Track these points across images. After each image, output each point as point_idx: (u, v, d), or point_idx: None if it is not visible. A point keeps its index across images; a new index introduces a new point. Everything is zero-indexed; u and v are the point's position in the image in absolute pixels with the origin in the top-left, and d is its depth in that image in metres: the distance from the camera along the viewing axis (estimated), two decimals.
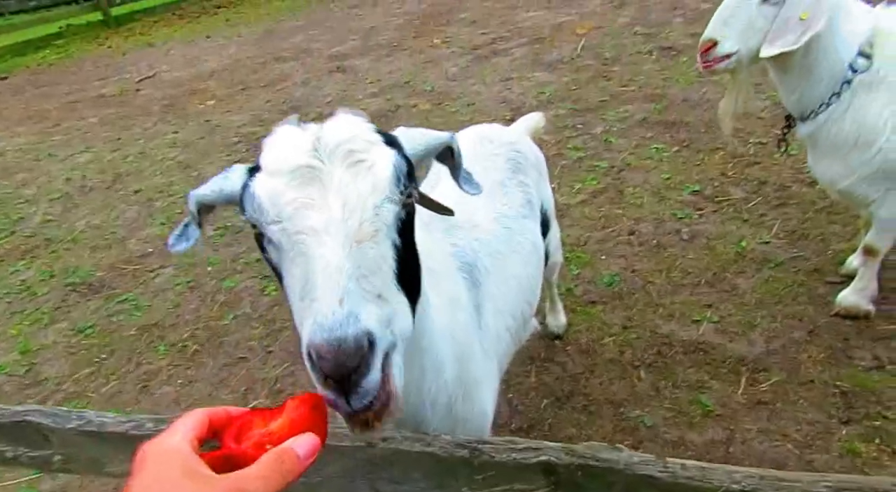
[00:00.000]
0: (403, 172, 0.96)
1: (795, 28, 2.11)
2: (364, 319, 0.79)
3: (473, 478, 1.24)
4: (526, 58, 6.65)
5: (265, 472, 0.63)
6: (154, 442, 0.66)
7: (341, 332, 0.76)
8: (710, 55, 2.27)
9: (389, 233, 0.93)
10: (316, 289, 0.82)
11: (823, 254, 3.01)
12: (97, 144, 6.68)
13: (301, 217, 0.88)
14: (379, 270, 0.88)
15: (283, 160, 0.93)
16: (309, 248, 0.86)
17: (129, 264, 4.23)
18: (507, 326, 1.76)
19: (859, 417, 2.22)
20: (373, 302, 0.84)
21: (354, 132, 0.96)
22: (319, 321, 0.78)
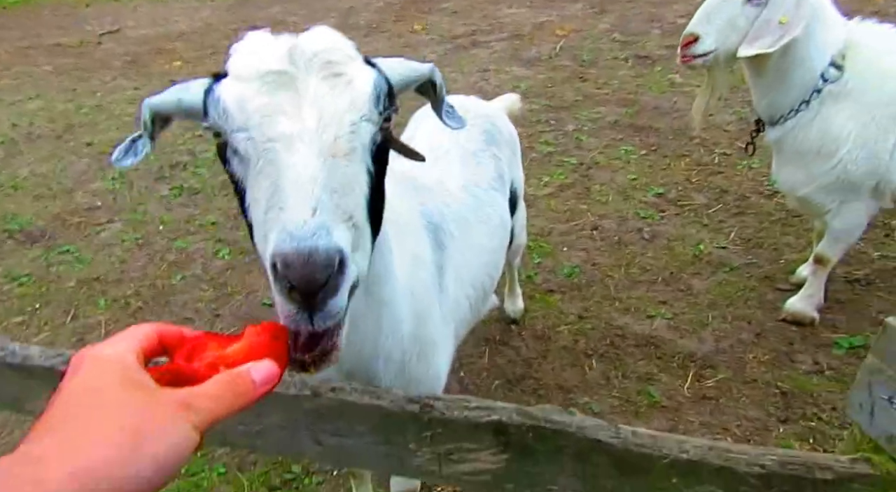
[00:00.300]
0: (384, 92, 0.89)
1: (774, 31, 2.15)
2: (336, 234, 0.73)
3: (421, 435, 1.19)
4: (505, 52, 6.66)
5: (217, 391, 0.56)
6: (94, 347, 0.59)
7: (312, 242, 0.70)
8: (689, 50, 2.29)
9: (364, 155, 0.86)
10: (287, 198, 0.75)
11: (776, 262, 3.10)
12: (49, 93, 6.33)
13: (271, 123, 0.80)
14: (352, 191, 0.81)
15: (253, 64, 0.85)
16: (279, 156, 0.79)
17: (75, 216, 4.01)
18: (466, 294, 1.73)
19: (796, 417, 2.28)
20: (345, 222, 0.77)
21: (334, 44, 0.89)
22: (289, 230, 0.71)
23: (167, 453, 0.50)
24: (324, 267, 0.69)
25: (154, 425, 0.50)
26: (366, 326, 1.23)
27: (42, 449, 0.47)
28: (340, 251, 0.72)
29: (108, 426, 0.49)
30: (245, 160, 0.84)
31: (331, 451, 1.25)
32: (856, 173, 2.30)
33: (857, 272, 2.97)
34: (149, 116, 0.99)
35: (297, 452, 1.28)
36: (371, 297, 1.20)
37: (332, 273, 0.70)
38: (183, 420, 0.52)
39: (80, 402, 0.51)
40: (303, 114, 0.81)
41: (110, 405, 0.51)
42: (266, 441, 1.28)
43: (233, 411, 0.57)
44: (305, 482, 2.19)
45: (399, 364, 1.35)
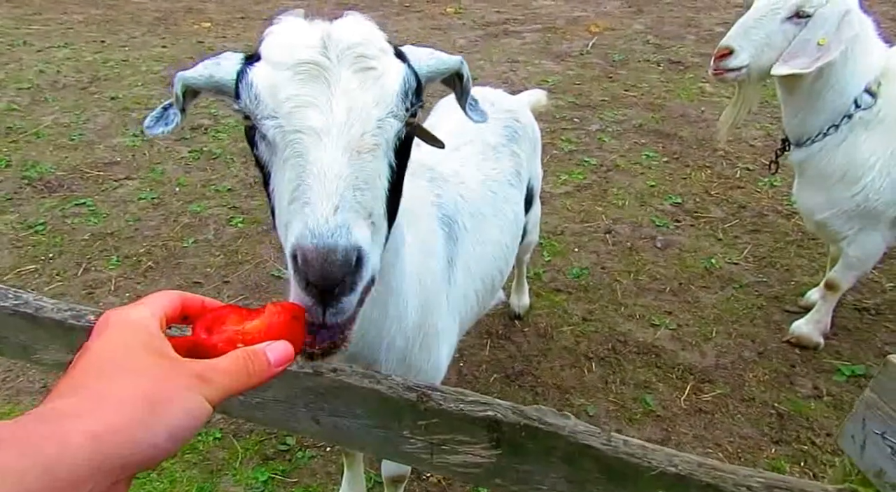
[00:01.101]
0: (412, 88, 0.89)
1: (812, 52, 2.11)
2: (356, 233, 0.74)
3: (417, 423, 1.21)
4: (536, 44, 6.59)
5: (233, 368, 0.58)
6: (120, 310, 0.60)
7: (332, 241, 0.71)
8: (722, 63, 2.25)
9: (387, 151, 0.86)
10: (310, 192, 0.76)
11: (786, 283, 3.08)
12: (78, 43, 6.36)
13: (301, 116, 0.81)
14: (374, 187, 0.82)
15: (287, 52, 0.85)
16: (307, 149, 0.79)
17: (94, 169, 4.05)
18: (475, 288, 1.74)
19: (790, 439, 2.28)
20: (365, 220, 0.78)
21: (367, 36, 0.89)
22: (311, 227, 0.72)
23: (182, 422, 0.51)
24: (341, 266, 0.71)
25: (173, 393, 0.52)
26: (372, 312, 1.24)
27: (67, 407, 0.48)
28: (359, 249, 0.73)
29: (131, 390, 0.50)
30: (273, 147, 0.85)
31: (327, 429, 1.27)
32: (877, 202, 2.28)
33: (868, 301, 2.95)
34: (181, 91, 1.00)
35: (294, 427, 1.30)
36: (381, 282, 1.21)
37: (350, 271, 0.72)
38: (199, 392, 0.53)
39: (106, 364, 0.53)
40: (333, 107, 0.81)
41: (134, 370, 0.52)
42: (264, 414, 1.31)
43: (247, 387, 0.58)
44: (298, 455, 2.23)
45: (401, 352, 1.37)
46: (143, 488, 2.08)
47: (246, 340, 0.64)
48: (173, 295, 0.65)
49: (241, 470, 2.17)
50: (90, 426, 0.46)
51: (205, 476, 2.14)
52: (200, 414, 0.53)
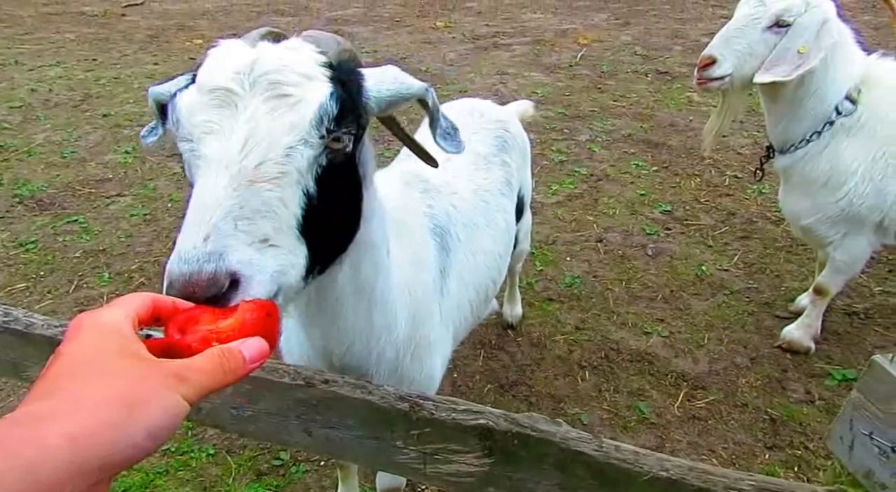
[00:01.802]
0: (331, 115, 0.87)
1: (792, 60, 2.15)
2: (230, 260, 0.74)
3: (409, 433, 1.21)
4: (525, 57, 6.66)
5: (208, 366, 0.59)
6: (92, 313, 0.61)
7: (196, 266, 0.72)
8: (706, 72, 2.29)
9: (301, 178, 0.85)
10: (188, 220, 0.77)
11: (776, 289, 3.10)
12: (70, 61, 6.38)
13: (204, 143, 0.83)
14: (272, 215, 0.81)
15: (209, 77, 0.87)
16: (199, 176, 0.81)
17: (85, 187, 4.05)
18: (469, 298, 1.75)
19: (783, 444, 2.29)
20: (252, 246, 0.78)
21: (290, 62, 0.88)
22: (178, 251, 0.74)
23: (159, 422, 0.52)
24: (206, 287, 0.71)
25: (149, 394, 0.52)
26: (356, 324, 1.24)
27: (42, 410, 0.49)
28: (233, 273, 0.74)
29: (106, 393, 0.51)
30: (189, 170, 0.87)
31: (320, 441, 1.27)
32: (861, 207, 2.31)
33: (857, 306, 2.97)
34: (152, 103, 1.03)
35: (286, 440, 1.30)
36: (361, 296, 1.21)
37: (218, 293, 0.72)
38: (175, 391, 0.54)
39: (80, 367, 0.53)
40: (232, 136, 0.82)
41: (109, 373, 0.53)
42: (256, 427, 1.31)
43: (223, 385, 0.59)
44: (292, 470, 2.21)
45: (392, 363, 1.37)
46: None
47: (220, 338, 0.65)
48: (145, 297, 0.66)
49: (235, 486, 2.15)
50: (67, 429, 0.46)
51: None
52: (178, 412, 0.54)
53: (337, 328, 1.24)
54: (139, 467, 2.19)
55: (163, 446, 2.28)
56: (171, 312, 0.68)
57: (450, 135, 1.16)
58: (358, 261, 1.14)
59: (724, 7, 8.00)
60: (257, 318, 0.70)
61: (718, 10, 8.14)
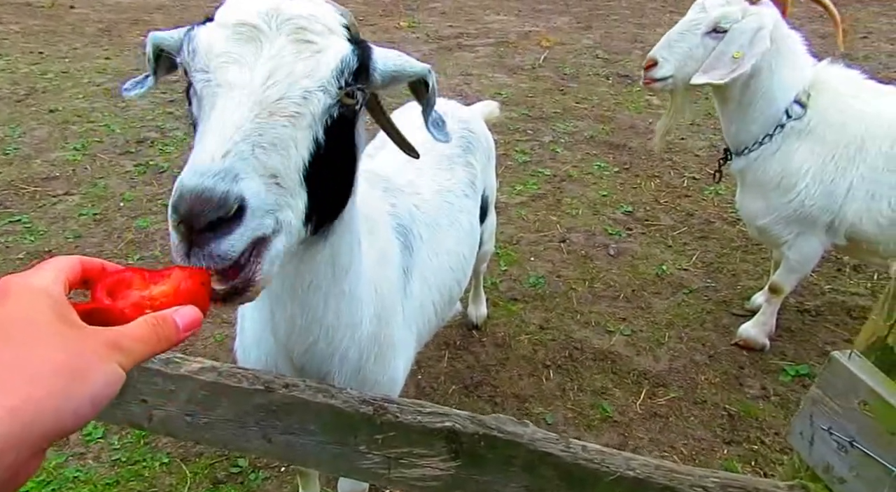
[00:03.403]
0: (351, 69, 0.90)
1: (727, 64, 2.25)
2: (243, 184, 0.73)
3: (374, 437, 1.18)
4: (489, 58, 6.69)
5: (142, 334, 0.57)
6: (19, 276, 0.57)
7: (211, 181, 0.71)
8: (649, 73, 2.41)
9: (314, 125, 0.87)
10: (207, 137, 0.76)
11: (733, 287, 3.18)
12: (13, 54, 6.09)
13: (225, 70, 0.83)
14: (285, 153, 0.82)
15: (232, 13, 0.88)
16: (218, 100, 0.81)
17: (30, 185, 3.85)
18: (432, 300, 1.72)
19: (741, 439, 2.35)
20: (263, 177, 0.78)
21: (317, 13, 0.90)
22: (196, 164, 0.73)
23: (100, 391, 0.50)
24: (214, 208, 0.70)
25: (90, 362, 0.51)
26: (323, 319, 1.21)
27: None
28: (242, 199, 0.73)
29: (46, 362, 0.49)
30: (200, 102, 0.86)
31: (280, 448, 1.23)
32: (812, 208, 2.39)
33: (808, 303, 3.08)
34: (151, 50, 1.02)
35: (245, 447, 1.25)
36: (334, 285, 1.18)
37: (224, 216, 0.71)
38: (113, 362, 0.53)
39: (13, 333, 0.50)
40: (256, 67, 0.83)
41: (45, 339, 0.50)
42: (213, 434, 1.25)
43: (156, 352, 0.58)
44: (251, 478, 2.14)
45: (355, 364, 1.34)
46: None
47: (154, 305, 0.63)
48: (73, 259, 0.62)
49: None
50: (7, 402, 0.45)
51: None
52: (116, 381, 0.52)
53: (303, 319, 1.19)
54: (86, 480, 2.09)
55: (112, 456, 2.18)
56: (99, 274, 0.65)
57: (439, 125, 1.17)
58: (338, 242, 1.13)
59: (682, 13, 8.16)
60: (191, 286, 0.68)
61: (676, 16, 8.33)
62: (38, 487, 2.05)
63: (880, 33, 7.50)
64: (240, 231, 0.74)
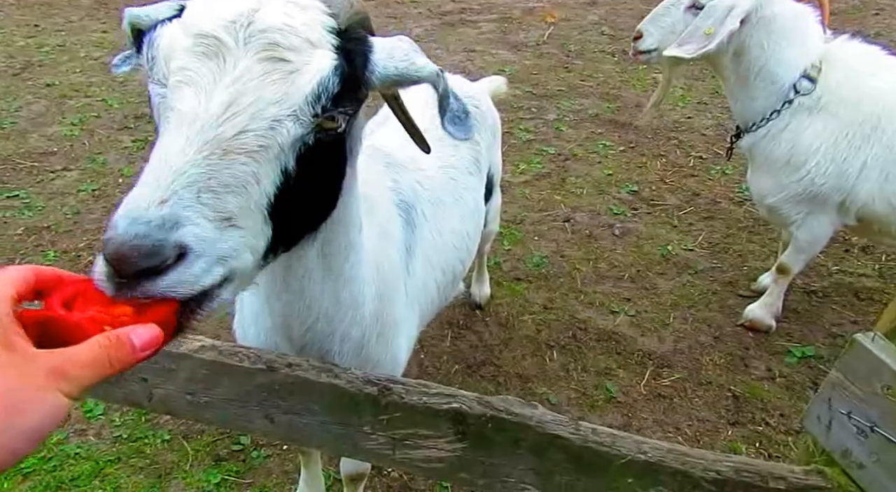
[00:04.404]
0: (331, 92, 0.78)
1: (699, 40, 2.25)
2: (184, 232, 0.66)
3: (378, 418, 1.16)
4: (493, 34, 6.56)
5: (93, 358, 0.53)
6: None
7: (144, 229, 0.63)
8: (635, 44, 2.48)
9: (282, 156, 0.77)
10: (146, 175, 0.68)
11: (739, 269, 3.15)
12: (8, 27, 5.97)
13: (179, 94, 0.74)
14: (242, 192, 0.72)
15: (198, 18, 0.77)
16: (167, 131, 0.72)
17: (27, 160, 3.80)
18: (435, 278, 1.69)
19: (746, 420, 2.33)
20: (213, 222, 0.69)
21: (295, 22, 0.78)
22: (130, 207, 0.65)
23: (39, 425, 0.48)
24: (146, 256, 0.63)
25: (28, 396, 0.48)
26: (322, 302, 1.17)
27: None
28: (183, 247, 0.65)
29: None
30: (157, 115, 0.78)
31: (282, 428, 1.20)
32: (823, 187, 2.34)
33: (815, 284, 3.04)
34: (127, 26, 0.92)
35: (247, 426, 1.23)
36: (329, 274, 1.14)
37: (160, 265, 0.64)
38: (56, 391, 0.50)
39: None
40: (214, 94, 0.73)
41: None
42: (214, 414, 1.23)
43: (106, 376, 0.54)
44: (253, 455, 2.13)
45: (357, 343, 1.31)
46: None
47: (113, 322, 0.58)
48: (25, 269, 0.59)
49: (192, 473, 2.06)
50: None
51: (152, 481, 2.02)
52: (58, 413, 0.50)
53: (301, 304, 1.16)
54: (87, 456, 2.08)
55: (114, 433, 2.17)
56: (55, 283, 0.62)
57: (459, 119, 1.03)
58: (330, 239, 1.07)
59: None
60: (155, 305, 0.64)
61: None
62: (40, 463, 2.04)
63: (893, 9, 7.35)
64: (176, 273, 0.65)
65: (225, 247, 0.71)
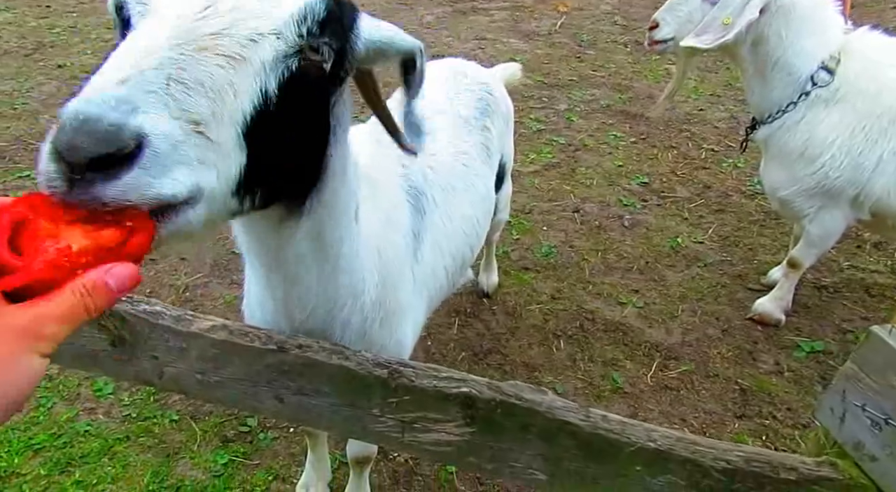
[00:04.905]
0: (317, 17, 0.77)
1: (717, 30, 2.22)
2: (144, 119, 0.58)
3: (387, 401, 1.16)
4: (504, 22, 6.50)
5: (69, 309, 0.49)
6: None
7: (97, 110, 0.56)
8: (650, 34, 2.44)
9: (262, 74, 0.73)
10: (108, 62, 0.63)
11: (749, 262, 3.13)
12: (20, 7, 5.96)
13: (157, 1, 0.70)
14: (216, 97, 0.67)
15: None
16: (140, 24, 0.69)
17: (39, 140, 3.79)
18: (444, 265, 1.68)
19: (752, 414, 2.33)
20: (178, 120, 0.62)
21: None
22: (86, 90, 0.59)
23: (15, 391, 0.45)
24: (100, 139, 0.55)
25: (3, 362, 0.45)
26: (318, 289, 1.16)
27: None
28: (140, 136, 0.58)
29: None
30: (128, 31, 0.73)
31: (291, 409, 1.21)
32: (837, 181, 2.31)
33: (826, 280, 3.02)
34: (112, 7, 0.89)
35: (256, 407, 1.23)
36: (324, 260, 1.12)
37: (115, 153, 0.56)
38: (31, 352, 0.46)
39: None
40: None
41: None
42: (224, 393, 1.23)
43: (82, 324, 0.51)
44: (260, 437, 2.15)
45: (359, 328, 1.30)
46: (93, 474, 1.97)
47: (74, 261, 0.51)
48: None
49: (200, 453, 2.08)
50: None
51: (160, 460, 2.04)
52: (35, 374, 0.47)
53: (298, 290, 1.15)
54: (97, 434, 2.10)
55: (123, 412, 2.19)
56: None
57: (415, 122, 1.06)
58: (320, 223, 1.04)
59: None
60: (116, 235, 0.55)
61: None
62: (50, 439, 2.06)
63: None
64: (133, 174, 0.58)
65: (190, 154, 0.63)
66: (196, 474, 2.01)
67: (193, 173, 0.65)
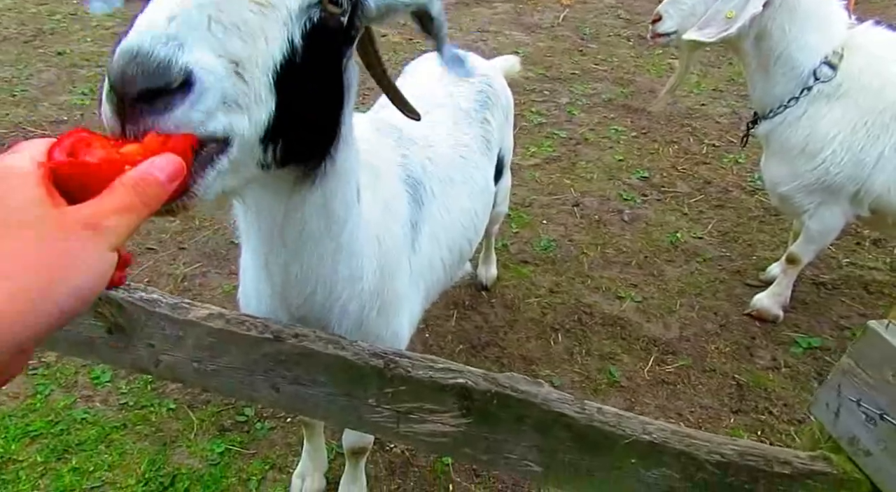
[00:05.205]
0: None
1: (720, 24, 2.20)
2: (191, 56, 0.61)
3: (383, 391, 1.16)
4: (507, 14, 6.47)
5: (123, 203, 0.49)
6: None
7: (149, 45, 0.59)
8: (653, 27, 2.44)
9: (290, 23, 0.76)
10: (150, 4, 0.65)
11: (748, 258, 3.13)
12: None
13: None
14: (250, 41, 0.70)
15: None
16: None
17: (38, 128, 3.80)
18: (442, 257, 1.68)
19: (748, 409, 2.33)
20: (218, 58, 0.65)
21: None
22: (137, 27, 0.61)
23: (87, 282, 0.46)
24: (153, 73, 0.58)
25: (72, 250, 0.46)
26: (319, 270, 1.16)
27: None
28: (189, 73, 0.61)
29: (29, 253, 0.44)
30: None
31: (287, 398, 1.21)
32: (837, 177, 2.31)
33: (824, 276, 3.02)
34: None
35: (252, 396, 1.23)
36: (328, 235, 1.12)
37: (165, 87, 0.59)
38: (95, 244, 0.47)
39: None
40: None
41: (28, 229, 0.45)
42: (220, 382, 1.23)
43: (144, 218, 0.51)
44: (257, 427, 2.15)
45: (356, 316, 1.30)
46: (90, 461, 1.98)
47: (129, 162, 0.53)
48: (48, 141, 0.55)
49: (196, 442, 2.08)
50: None
51: (157, 448, 2.05)
52: (106, 267, 0.47)
53: (299, 269, 1.15)
54: (94, 421, 2.11)
55: (120, 400, 2.19)
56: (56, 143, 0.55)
57: (457, 60, 1.09)
58: (330, 192, 1.05)
59: None
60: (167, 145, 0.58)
61: None
62: (47, 426, 2.07)
63: None
64: (183, 109, 0.61)
65: (232, 91, 0.67)
66: (192, 463, 2.02)
67: (230, 113, 0.68)
